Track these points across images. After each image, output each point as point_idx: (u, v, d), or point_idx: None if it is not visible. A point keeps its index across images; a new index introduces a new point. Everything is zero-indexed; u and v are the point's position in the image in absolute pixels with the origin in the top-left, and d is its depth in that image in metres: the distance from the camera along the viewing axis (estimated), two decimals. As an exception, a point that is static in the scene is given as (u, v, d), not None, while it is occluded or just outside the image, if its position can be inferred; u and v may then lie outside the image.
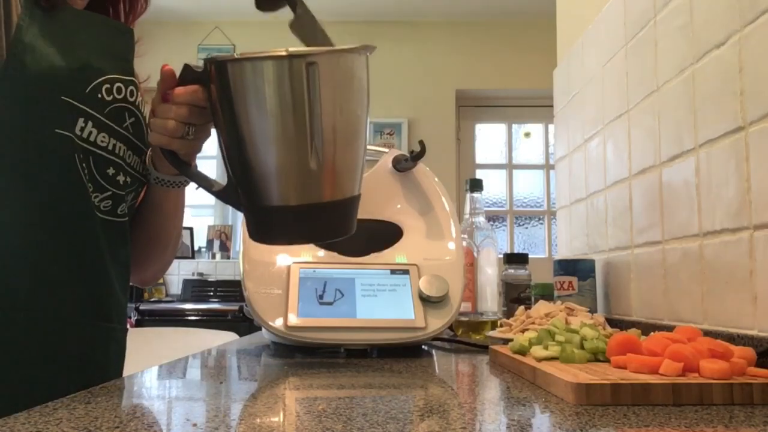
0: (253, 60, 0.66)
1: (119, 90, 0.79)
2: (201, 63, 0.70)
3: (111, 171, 0.79)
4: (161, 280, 3.74)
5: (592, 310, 1.06)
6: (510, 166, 4.01)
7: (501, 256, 1.26)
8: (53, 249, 0.75)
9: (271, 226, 0.70)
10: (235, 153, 0.69)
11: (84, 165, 0.76)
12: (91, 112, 0.76)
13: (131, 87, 0.82)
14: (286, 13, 0.86)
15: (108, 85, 0.78)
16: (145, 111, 0.86)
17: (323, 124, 0.66)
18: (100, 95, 0.77)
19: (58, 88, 0.73)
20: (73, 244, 0.77)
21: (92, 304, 0.79)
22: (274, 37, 4.37)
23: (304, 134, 0.66)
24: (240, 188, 0.70)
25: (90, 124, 0.76)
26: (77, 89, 0.75)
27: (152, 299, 3.51)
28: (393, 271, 0.95)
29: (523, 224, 3.98)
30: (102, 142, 0.77)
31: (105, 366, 0.81)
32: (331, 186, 0.69)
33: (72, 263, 0.76)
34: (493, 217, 3.91)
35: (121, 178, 0.81)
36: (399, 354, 0.87)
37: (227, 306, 3.14)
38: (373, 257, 0.98)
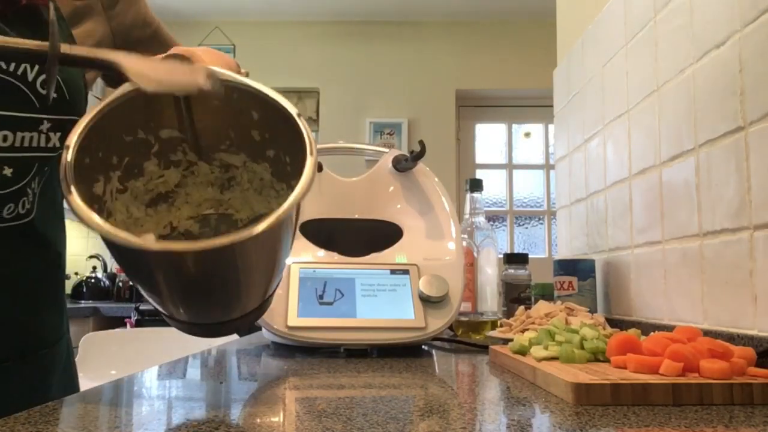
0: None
1: None
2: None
3: None
4: (161, 280, 3.73)
5: (592, 310, 1.05)
6: (510, 166, 4.01)
7: (501, 256, 1.26)
8: None
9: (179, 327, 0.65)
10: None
11: None
12: None
13: None
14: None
15: None
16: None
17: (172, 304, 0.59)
18: None
19: None
20: None
21: (6, 352, 0.69)
22: (273, 36, 4.36)
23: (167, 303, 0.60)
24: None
25: None
26: None
27: (152, 299, 3.51)
28: (393, 271, 0.95)
29: (523, 224, 3.98)
30: None
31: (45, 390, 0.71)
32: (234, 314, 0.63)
33: None
34: (493, 217, 3.91)
35: (7, 172, 0.64)
36: (399, 354, 0.87)
37: (227, 306, 3.13)
38: (373, 257, 0.98)
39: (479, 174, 3.98)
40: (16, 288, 0.70)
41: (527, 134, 4.09)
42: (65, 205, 0.77)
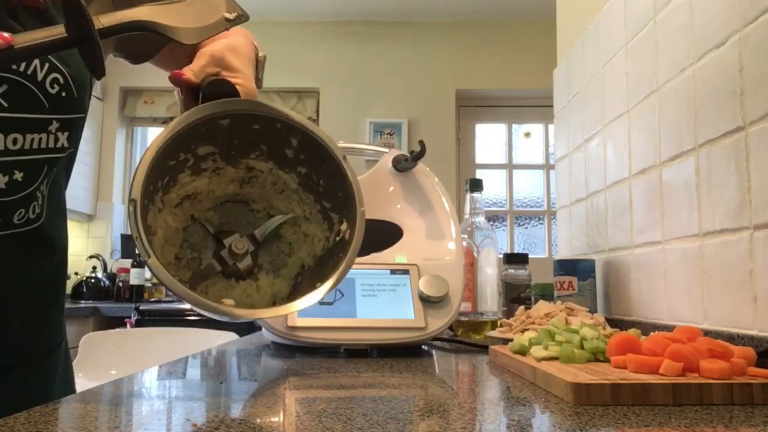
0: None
1: None
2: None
3: None
4: (161, 280, 3.73)
5: (592, 310, 1.05)
6: (510, 166, 4.01)
7: (501, 256, 1.26)
8: None
9: None
10: None
11: None
12: None
13: None
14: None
15: None
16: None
17: None
18: None
19: None
20: None
21: (13, 361, 0.67)
22: (273, 36, 4.36)
23: None
24: None
25: None
26: None
27: (152, 299, 3.51)
28: (393, 271, 0.95)
29: (523, 224, 3.97)
30: None
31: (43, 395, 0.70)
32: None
33: None
34: (493, 217, 3.90)
35: (18, 176, 0.62)
36: (399, 354, 0.87)
37: (227, 306, 3.13)
38: (373, 257, 0.98)
39: (479, 174, 3.98)
40: (25, 295, 0.68)
41: (527, 134, 4.09)
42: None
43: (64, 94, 0.66)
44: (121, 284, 3.53)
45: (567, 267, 1.19)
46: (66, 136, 0.67)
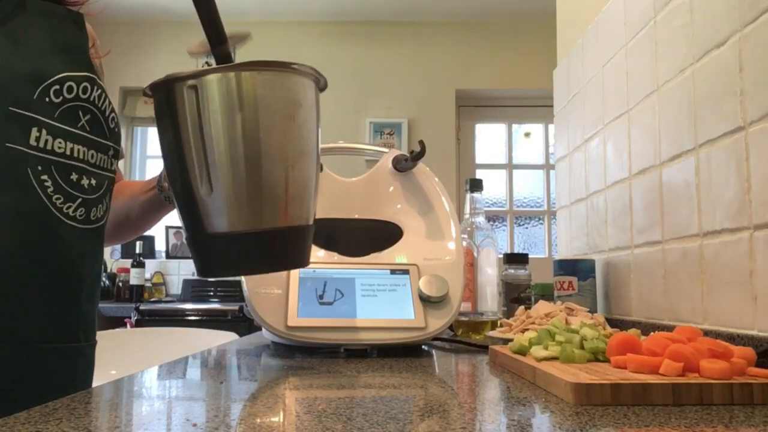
0: (160, 85, 0.65)
1: (70, 89, 0.75)
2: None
3: (74, 176, 0.75)
4: (161, 280, 3.74)
5: (592, 310, 1.06)
6: (510, 166, 4.01)
7: (501, 256, 1.26)
8: (16, 274, 0.70)
9: (215, 255, 0.68)
10: (173, 175, 0.69)
11: (46, 176, 0.72)
12: (41, 119, 0.71)
13: (84, 83, 0.77)
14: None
15: (57, 87, 0.73)
16: (105, 102, 0.82)
17: (227, 149, 0.64)
18: (48, 98, 0.72)
19: (3, 98, 0.69)
20: (39, 266, 0.72)
21: (59, 328, 0.76)
22: (273, 36, 4.35)
23: (208, 160, 0.64)
24: (182, 216, 0.69)
25: (44, 132, 0.71)
26: (24, 97, 0.70)
27: (152, 299, 3.51)
28: (393, 271, 0.95)
29: (523, 224, 3.97)
30: (59, 148, 0.73)
31: (71, 385, 0.77)
32: (275, 212, 0.66)
33: (38, 288, 0.72)
34: (493, 217, 3.91)
35: (86, 182, 0.77)
36: (399, 354, 0.87)
37: (227, 306, 3.14)
38: (373, 257, 0.98)
39: (479, 174, 3.98)
40: (93, 282, 0.82)
41: (527, 134, 4.09)
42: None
43: (116, 129, 0.84)
44: (121, 284, 3.53)
45: (567, 267, 1.19)
46: (115, 164, 0.84)
